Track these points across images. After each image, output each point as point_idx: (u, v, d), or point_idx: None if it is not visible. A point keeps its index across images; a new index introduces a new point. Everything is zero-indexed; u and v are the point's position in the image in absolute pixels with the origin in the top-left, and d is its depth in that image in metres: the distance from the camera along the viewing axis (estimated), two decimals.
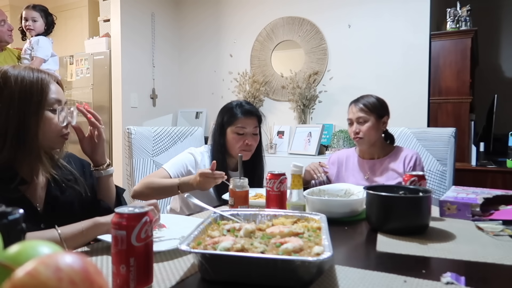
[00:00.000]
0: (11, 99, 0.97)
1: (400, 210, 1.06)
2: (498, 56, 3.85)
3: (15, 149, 0.98)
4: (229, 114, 1.69)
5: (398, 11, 3.08)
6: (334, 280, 0.74)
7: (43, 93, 1.01)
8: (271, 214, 1.00)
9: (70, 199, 1.11)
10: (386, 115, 1.82)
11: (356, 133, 1.79)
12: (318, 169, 1.71)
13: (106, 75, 3.67)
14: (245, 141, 1.66)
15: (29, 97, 0.99)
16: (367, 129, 1.77)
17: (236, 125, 1.66)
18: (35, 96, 1.00)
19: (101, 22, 3.93)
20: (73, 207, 1.11)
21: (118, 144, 3.57)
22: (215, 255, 0.72)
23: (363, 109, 1.79)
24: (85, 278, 0.32)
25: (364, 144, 1.81)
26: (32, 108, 0.99)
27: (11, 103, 0.97)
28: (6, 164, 0.99)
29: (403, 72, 3.07)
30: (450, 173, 1.98)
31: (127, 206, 0.73)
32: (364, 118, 1.78)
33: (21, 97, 0.98)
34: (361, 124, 1.78)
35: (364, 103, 1.80)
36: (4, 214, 0.51)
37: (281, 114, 3.59)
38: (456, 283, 0.71)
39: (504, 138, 2.88)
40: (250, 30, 3.72)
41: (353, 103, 1.84)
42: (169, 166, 1.62)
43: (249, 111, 1.69)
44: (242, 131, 1.66)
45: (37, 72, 1.03)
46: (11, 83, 0.98)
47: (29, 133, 0.99)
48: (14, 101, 0.97)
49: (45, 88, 1.02)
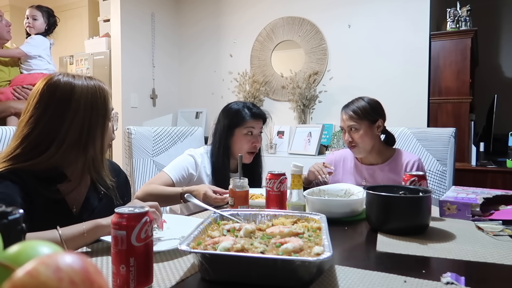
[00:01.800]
0: (76, 111, 1.00)
1: (400, 210, 1.06)
2: (498, 56, 3.85)
3: (69, 156, 1.00)
4: (237, 116, 1.67)
5: (398, 11, 3.08)
6: (334, 280, 0.74)
7: (106, 105, 1.05)
8: (271, 214, 1.00)
9: (105, 208, 1.12)
10: (380, 119, 1.73)
11: (349, 142, 1.72)
12: (322, 170, 1.68)
13: (106, 75, 3.67)
14: (253, 142, 1.67)
15: (95, 109, 1.02)
16: (360, 137, 1.70)
17: (245, 126, 1.66)
18: (101, 109, 1.03)
19: (101, 22, 3.94)
20: (105, 215, 1.11)
21: (118, 144, 3.57)
22: (215, 255, 0.72)
23: (352, 117, 1.70)
24: (85, 278, 0.32)
25: (360, 153, 1.75)
26: (98, 121, 1.03)
27: (77, 114, 1.00)
28: (54, 166, 1.00)
29: (403, 72, 3.07)
30: (450, 173, 1.98)
31: (127, 206, 0.73)
32: (355, 126, 1.70)
33: (86, 109, 1.01)
34: (353, 132, 1.71)
35: (353, 109, 1.71)
36: (4, 214, 0.51)
37: (281, 114, 3.59)
38: (456, 283, 0.71)
39: (504, 138, 2.88)
40: (250, 30, 3.72)
41: (343, 110, 1.76)
42: (170, 169, 1.61)
43: (258, 113, 1.70)
44: (251, 130, 1.66)
45: (97, 81, 1.06)
46: (78, 94, 1.00)
47: (94, 143, 1.02)
48: (79, 113, 1.00)
49: (107, 99, 1.06)
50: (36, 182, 0.97)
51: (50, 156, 0.98)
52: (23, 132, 0.99)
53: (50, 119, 0.98)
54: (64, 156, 1.00)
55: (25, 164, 0.97)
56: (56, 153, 0.98)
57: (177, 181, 1.58)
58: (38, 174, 0.98)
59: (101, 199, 1.13)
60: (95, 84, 1.04)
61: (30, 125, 0.98)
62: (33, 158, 0.97)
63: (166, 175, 1.59)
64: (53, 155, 0.98)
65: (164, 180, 1.57)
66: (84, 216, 1.05)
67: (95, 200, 1.12)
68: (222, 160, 1.66)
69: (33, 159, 0.97)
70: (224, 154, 1.67)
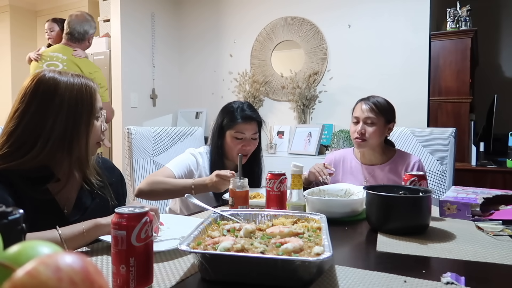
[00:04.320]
0: (61, 106, 0.99)
1: (400, 210, 1.06)
2: (498, 56, 3.85)
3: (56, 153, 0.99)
4: (229, 117, 1.66)
5: (398, 11, 3.08)
6: (334, 280, 0.74)
7: (93, 102, 1.03)
8: (271, 214, 1.00)
9: (99, 207, 1.10)
10: (393, 122, 1.74)
11: (361, 133, 1.67)
12: (323, 171, 1.65)
13: (106, 75, 3.65)
14: (243, 145, 1.64)
15: (80, 105, 1.01)
16: (374, 132, 1.67)
17: (235, 130, 1.64)
18: (86, 106, 1.02)
19: (101, 22, 3.93)
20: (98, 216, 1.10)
21: (118, 144, 3.58)
22: (215, 255, 0.72)
23: (373, 109, 1.68)
24: (85, 278, 0.32)
25: (365, 148, 1.72)
26: (83, 117, 1.01)
27: (61, 110, 0.99)
28: (41, 165, 0.99)
29: (403, 72, 3.07)
30: (450, 173, 1.98)
31: (127, 206, 0.73)
32: (372, 120, 1.67)
33: (71, 104, 1.00)
34: (368, 125, 1.68)
35: (374, 102, 1.70)
36: (4, 214, 0.51)
37: (281, 114, 3.59)
38: (456, 283, 0.71)
39: (504, 138, 2.87)
40: (250, 30, 3.72)
41: (362, 101, 1.73)
42: (173, 165, 1.61)
43: (249, 116, 1.66)
44: (241, 136, 1.64)
45: (85, 79, 1.05)
46: (62, 90, 0.99)
47: (78, 140, 1.01)
48: (64, 109, 0.99)
49: (94, 96, 1.04)
50: (24, 182, 0.96)
51: (37, 153, 0.97)
52: (8, 127, 0.98)
53: (34, 114, 0.98)
54: (51, 154, 0.98)
55: (12, 164, 0.95)
56: (42, 150, 0.97)
57: (179, 177, 1.58)
58: (26, 174, 0.97)
59: (94, 198, 1.11)
60: (82, 81, 1.03)
61: (15, 120, 0.98)
62: (20, 156, 0.96)
63: (169, 170, 1.58)
64: (40, 153, 0.97)
65: (167, 175, 1.56)
66: (76, 216, 1.04)
67: (87, 199, 1.10)
68: (218, 160, 1.66)
69: (20, 158, 0.96)
70: (218, 155, 1.67)
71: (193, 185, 1.46)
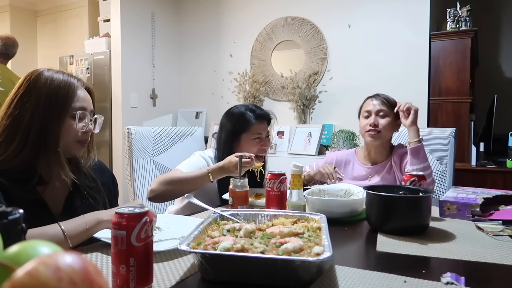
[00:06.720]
0: (37, 101, 0.98)
1: (400, 210, 1.06)
2: (498, 56, 3.85)
3: (37, 150, 0.98)
4: (242, 121, 1.64)
5: (398, 12, 3.08)
6: (334, 280, 0.74)
7: (69, 98, 1.01)
8: (271, 214, 1.00)
9: (89, 208, 1.07)
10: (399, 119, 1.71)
11: (374, 125, 1.66)
12: (333, 175, 1.62)
13: (106, 75, 3.67)
14: (262, 145, 1.64)
15: (55, 101, 0.99)
16: (387, 123, 1.67)
17: (252, 131, 1.62)
18: (61, 101, 1.00)
19: (101, 22, 3.93)
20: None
21: (118, 144, 3.58)
22: (215, 255, 0.72)
23: (384, 103, 1.69)
24: (85, 278, 0.32)
25: (378, 141, 1.69)
26: (55, 113, 0.99)
27: (37, 104, 0.98)
28: (26, 164, 0.98)
29: (403, 72, 3.07)
30: (450, 173, 1.98)
31: (127, 206, 0.73)
32: (385, 112, 1.68)
33: (47, 99, 0.98)
34: (381, 117, 1.68)
35: (385, 97, 1.72)
36: (4, 214, 0.51)
37: (281, 114, 3.58)
38: (456, 283, 0.71)
39: (504, 138, 2.87)
40: (250, 30, 3.72)
41: (372, 97, 1.74)
42: (185, 167, 1.55)
43: (262, 115, 1.66)
44: (259, 136, 1.63)
45: (68, 76, 1.03)
46: (41, 84, 0.99)
47: (51, 136, 0.98)
48: (40, 103, 0.98)
49: (72, 93, 1.02)
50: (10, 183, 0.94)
51: (17, 150, 0.96)
52: None
53: (15, 108, 0.98)
54: (33, 152, 0.97)
55: None
56: (23, 146, 0.96)
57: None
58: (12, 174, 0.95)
59: (85, 199, 1.09)
60: (64, 78, 1.02)
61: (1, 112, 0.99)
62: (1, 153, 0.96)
63: (180, 171, 1.53)
64: (21, 149, 0.96)
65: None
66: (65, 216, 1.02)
67: (77, 200, 1.08)
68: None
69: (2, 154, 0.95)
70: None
71: (209, 170, 1.42)
